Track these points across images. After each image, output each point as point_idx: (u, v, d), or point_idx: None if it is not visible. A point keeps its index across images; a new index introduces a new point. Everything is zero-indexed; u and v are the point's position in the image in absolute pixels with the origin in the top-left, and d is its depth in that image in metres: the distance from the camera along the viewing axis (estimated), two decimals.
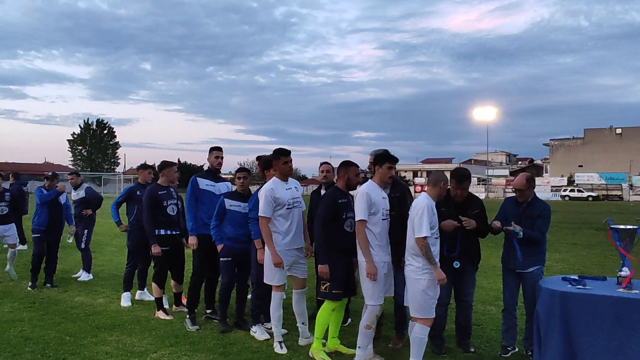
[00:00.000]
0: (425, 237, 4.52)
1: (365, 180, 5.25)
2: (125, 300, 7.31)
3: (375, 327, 4.95)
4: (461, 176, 5.21)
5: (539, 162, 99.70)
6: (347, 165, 5.16)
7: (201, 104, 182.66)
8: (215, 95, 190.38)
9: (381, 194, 4.94)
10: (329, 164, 6.53)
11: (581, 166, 77.97)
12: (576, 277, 4.92)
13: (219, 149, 6.65)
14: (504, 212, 5.31)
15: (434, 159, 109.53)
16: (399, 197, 5.33)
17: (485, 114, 74.51)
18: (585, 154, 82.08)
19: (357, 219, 4.79)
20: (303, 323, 5.52)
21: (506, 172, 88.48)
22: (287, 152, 5.47)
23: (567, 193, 64.67)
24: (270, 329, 5.57)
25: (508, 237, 5.22)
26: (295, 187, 5.57)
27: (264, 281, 5.43)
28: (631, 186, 65.19)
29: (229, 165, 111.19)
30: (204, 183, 6.45)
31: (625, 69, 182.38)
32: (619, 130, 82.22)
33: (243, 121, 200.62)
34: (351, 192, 5.18)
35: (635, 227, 4.77)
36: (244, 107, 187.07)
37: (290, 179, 5.60)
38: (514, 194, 5.42)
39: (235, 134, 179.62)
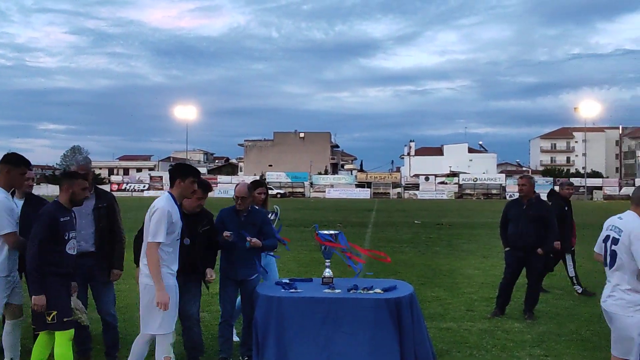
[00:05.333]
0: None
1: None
2: None
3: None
4: (206, 187, 5.00)
5: (234, 161, 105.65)
6: (71, 177, 4.42)
7: None
8: None
9: (178, 211, 4.37)
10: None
11: (271, 165, 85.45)
12: (287, 281, 5.23)
13: None
14: (221, 221, 5.23)
15: (131, 155, 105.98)
16: (107, 208, 4.99)
17: (185, 112, 75.24)
18: (275, 154, 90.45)
19: (151, 239, 4.14)
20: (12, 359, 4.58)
21: (204, 170, 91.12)
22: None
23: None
24: None
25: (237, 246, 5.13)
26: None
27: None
28: (311, 184, 74.37)
29: None
30: None
31: (308, 80, 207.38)
32: (302, 134, 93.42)
33: None
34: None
35: (337, 232, 5.32)
36: None
37: None
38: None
39: None
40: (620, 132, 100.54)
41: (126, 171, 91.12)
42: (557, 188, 9.08)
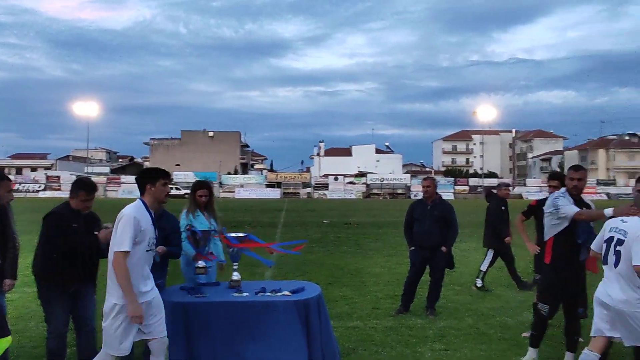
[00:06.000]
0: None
1: None
2: None
3: None
4: (91, 187, 4.72)
5: (139, 160, 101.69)
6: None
7: None
8: None
9: (150, 218, 4.05)
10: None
11: (179, 165, 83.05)
12: (192, 286, 5.09)
13: None
14: None
15: (26, 153, 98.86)
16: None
17: (85, 108, 71.39)
18: (182, 153, 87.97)
19: (116, 249, 3.83)
20: None
21: (107, 169, 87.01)
22: None
23: None
24: None
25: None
26: None
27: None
28: (220, 184, 73.20)
29: None
30: None
31: (218, 78, 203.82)
32: (211, 133, 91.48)
33: None
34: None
35: (245, 234, 5.26)
36: None
37: None
38: None
39: None
40: (514, 135, 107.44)
41: (19, 170, 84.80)
42: (495, 190, 9.92)
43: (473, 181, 78.23)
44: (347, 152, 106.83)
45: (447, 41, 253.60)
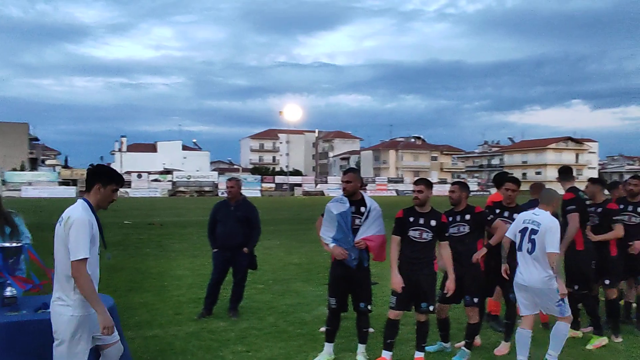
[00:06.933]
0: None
1: None
2: None
3: None
4: None
5: None
6: None
7: None
8: None
9: (96, 220, 3.78)
10: None
11: None
12: None
13: None
14: None
15: None
16: None
17: None
18: None
19: (73, 257, 3.56)
20: None
21: None
22: None
23: None
24: None
25: None
26: None
27: None
28: (3, 182, 64.76)
29: None
30: None
31: (3, 62, 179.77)
32: None
33: None
34: None
35: (19, 244, 4.66)
36: None
37: None
38: None
39: None
40: (317, 135, 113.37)
41: None
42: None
43: (279, 179, 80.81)
44: (152, 148, 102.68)
45: (255, 41, 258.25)
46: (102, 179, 3.86)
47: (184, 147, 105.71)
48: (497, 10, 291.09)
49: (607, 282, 6.35)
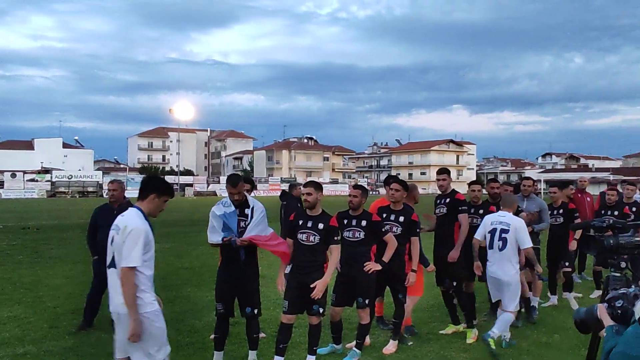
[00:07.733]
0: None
1: None
2: None
3: None
4: None
5: None
6: None
7: None
8: None
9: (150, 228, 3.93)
10: None
11: None
12: None
13: None
14: None
15: None
16: None
17: None
18: None
19: (125, 264, 3.72)
20: None
21: None
22: None
23: None
24: None
25: None
26: None
27: None
28: None
29: None
30: None
31: None
32: None
33: None
34: None
35: None
36: None
37: None
38: None
39: None
40: (209, 134, 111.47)
41: None
42: (287, 189, 10.42)
43: (169, 179, 77.90)
44: (28, 145, 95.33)
45: (145, 35, 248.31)
46: (157, 190, 4.03)
47: (65, 145, 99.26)
48: (387, 17, 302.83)
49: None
